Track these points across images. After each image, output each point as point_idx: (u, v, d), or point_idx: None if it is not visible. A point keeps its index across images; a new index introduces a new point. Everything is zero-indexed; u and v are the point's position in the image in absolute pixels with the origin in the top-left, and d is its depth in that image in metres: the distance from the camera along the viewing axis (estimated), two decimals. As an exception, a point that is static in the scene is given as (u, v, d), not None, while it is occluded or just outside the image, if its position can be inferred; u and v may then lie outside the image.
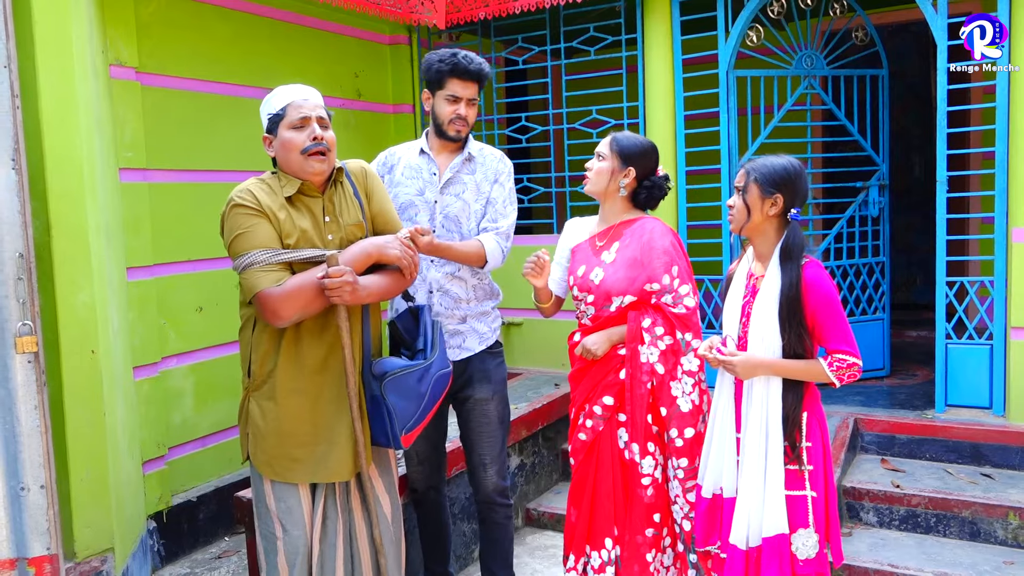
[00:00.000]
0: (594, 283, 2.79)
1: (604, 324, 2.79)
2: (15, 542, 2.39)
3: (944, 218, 4.22)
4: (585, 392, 2.85)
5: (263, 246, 2.23)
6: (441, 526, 3.22)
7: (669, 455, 2.72)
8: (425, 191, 2.95)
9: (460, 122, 2.91)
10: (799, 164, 2.50)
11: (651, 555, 2.76)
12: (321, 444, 2.34)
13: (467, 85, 2.89)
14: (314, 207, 2.36)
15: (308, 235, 2.31)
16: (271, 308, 2.19)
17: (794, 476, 2.45)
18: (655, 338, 2.70)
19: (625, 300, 2.74)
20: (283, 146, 2.32)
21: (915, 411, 4.43)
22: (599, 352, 2.77)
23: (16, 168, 2.37)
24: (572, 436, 2.91)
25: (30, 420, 2.39)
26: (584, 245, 2.92)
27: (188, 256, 4.09)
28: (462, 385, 2.99)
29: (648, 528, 2.75)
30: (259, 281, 2.20)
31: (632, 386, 2.71)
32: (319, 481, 2.36)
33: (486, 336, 3.03)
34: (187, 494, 4.05)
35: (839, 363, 2.40)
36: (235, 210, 2.26)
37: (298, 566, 2.33)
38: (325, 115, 2.37)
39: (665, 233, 2.78)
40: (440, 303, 2.93)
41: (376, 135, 5.33)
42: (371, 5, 4.67)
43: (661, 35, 4.82)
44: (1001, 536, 3.61)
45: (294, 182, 2.33)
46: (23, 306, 2.37)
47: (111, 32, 3.66)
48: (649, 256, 2.72)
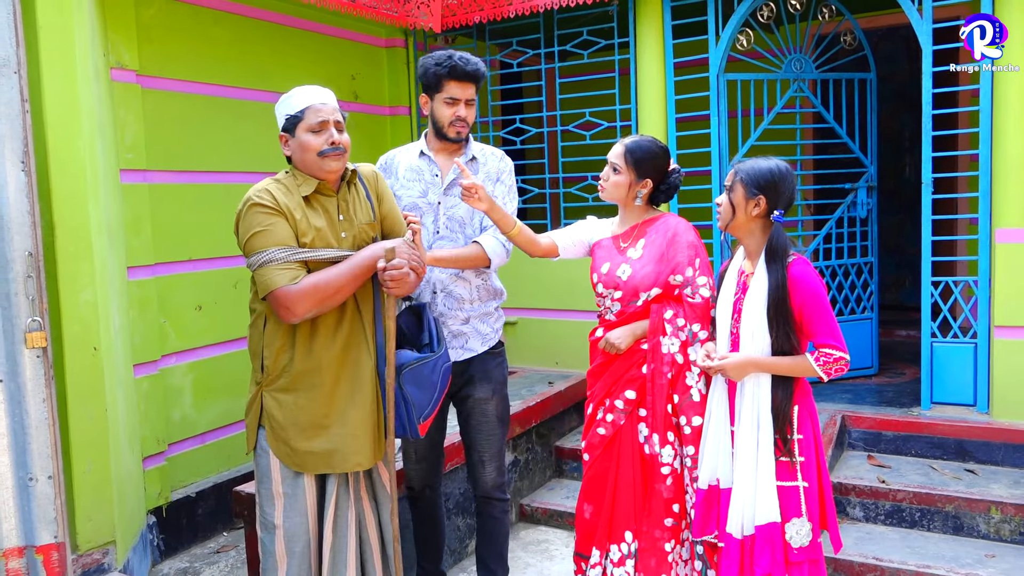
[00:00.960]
0: (621, 279, 2.83)
1: (629, 319, 2.84)
2: (23, 531, 2.46)
3: (929, 219, 4.30)
4: (607, 386, 2.89)
5: (280, 244, 2.29)
6: (435, 524, 3.26)
7: (684, 444, 2.77)
8: (428, 193, 2.98)
9: (460, 123, 2.94)
10: (786, 167, 2.57)
11: (670, 545, 2.78)
12: (336, 436, 2.40)
13: (465, 87, 2.92)
14: (329, 206, 2.43)
15: (323, 234, 2.38)
16: (286, 305, 2.26)
17: (786, 467, 2.52)
18: (676, 329, 2.76)
19: (652, 293, 2.79)
20: (300, 147, 2.38)
21: (902, 408, 4.51)
22: (623, 346, 2.81)
23: (25, 170, 2.44)
24: (589, 432, 2.92)
25: (38, 413, 2.46)
26: (606, 243, 2.96)
27: (187, 256, 4.16)
28: (463, 384, 3.03)
29: (668, 518, 2.78)
30: (275, 279, 2.26)
31: (653, 376, 2.77)
32: (335, 471, 2.42)
33: (489, 337, 3.07)
34: (186, 490, 4.11)
35: (826, 357, 2.48)
36: (253, 208, 2.32)
37: (298, 554, 2.39)
38: (341, 119, 2.45)
39: (688, 228, 2.85)
40: (444, 304, 2.97)
41: (373, 137, 5.41)
42: (367, 9, 4.74)
43: (653, 39, 4.90)
44: (983, 530, 3.69)
45: (311, 181, 2.40)
46: (32, 303, 2.44)
47: (112, 36, 3.73)
48: (675, 249, 2.78)
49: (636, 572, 2.82)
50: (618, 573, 2.85)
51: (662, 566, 2.78)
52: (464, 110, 2.94)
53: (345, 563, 2.42)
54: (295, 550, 2.39)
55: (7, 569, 2.47)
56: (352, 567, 2.44)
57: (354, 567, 2.44)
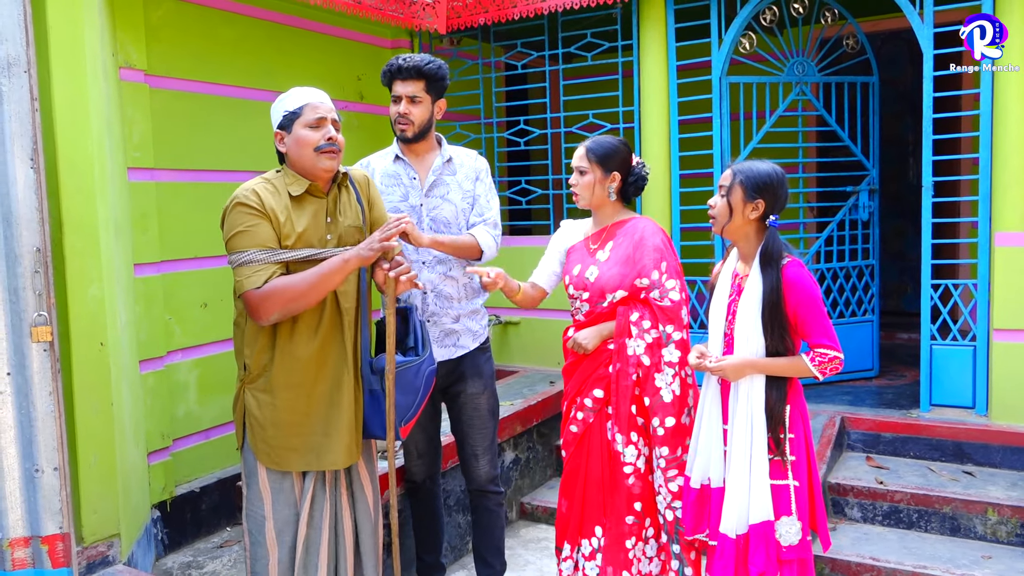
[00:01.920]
0: (589, 281, 2.90)
1: (597, 320, 2.91)
2: (29, 521, 2.50)
3: (930, 222, 4.32)
4: (577, 385, 2.97)
5: (260, 246, 2.32)
6: (434, 516, 3.31)
7: (653, 444, 2.83)
8: (409, 196, 3.01)
9: (402, 120, 2.95)
10: (782, 172, 2.60)
11: (631, 542, 2.86)
12: (316, 435, 2.44)
13: (406, 83, 2.92)
14: (317, 208, 2.45)
15: (307, 235, 2.40)
16: (252, 307, 2.30)
17: (778, 466, 2.55)
18: (642, 331, 2.81)
19: (617, 295, 2.85)
20: (297, 142, 2.41)
21: (901, 410, 4.53)
22: (590, 346, 2.88)
23: (35, 167, 2.48)
24: (564, 429, 3.02)
25: (45, 406, 2.51)
26: (579, 246, 3.02)
27: (193, 253, 4.20)
28: (454, 380, 3.08)
29: (628, 515, 2.85)
30: (248, 280, 2.30)
31: (618, 378, 2.83)
32: (314, 469, 2.46)
33: (479, 334, 3.13)
34: (190, 484, 4.15)
35: (821, 357, 2.51)
36: (238, 208, 2.35)
37: (287, 543, 2.44)
38: (337, 118, 2.48)
39: (656, 232, 2.90)
40: (435, 303, 3.02)
41: (378, 136, 5.44)
42: (373, 10, 4.79)
43: (656, 41, 4.94)
44: (980, 531, 3.71)
45: (302, 181, 2.42)
46: (39, 297, 2.48)
47: (121, 36, 3.77)
48: (641, 253, 2.83)
49: (604, 565, 2.88)
50: (589, 567, 2.92)
51: (623, 562, 2.85)
52: (406, 106, 2.94)
53: (317, 556, 2.46)
54: (284, 540, 2.45)
55: (13, 558, 2.52)
56: (324, 562, 2.47)
57: (326, 562, 2.48)
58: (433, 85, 2.96)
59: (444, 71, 2.97)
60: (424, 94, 2.95)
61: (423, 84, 2.93)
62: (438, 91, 2.99)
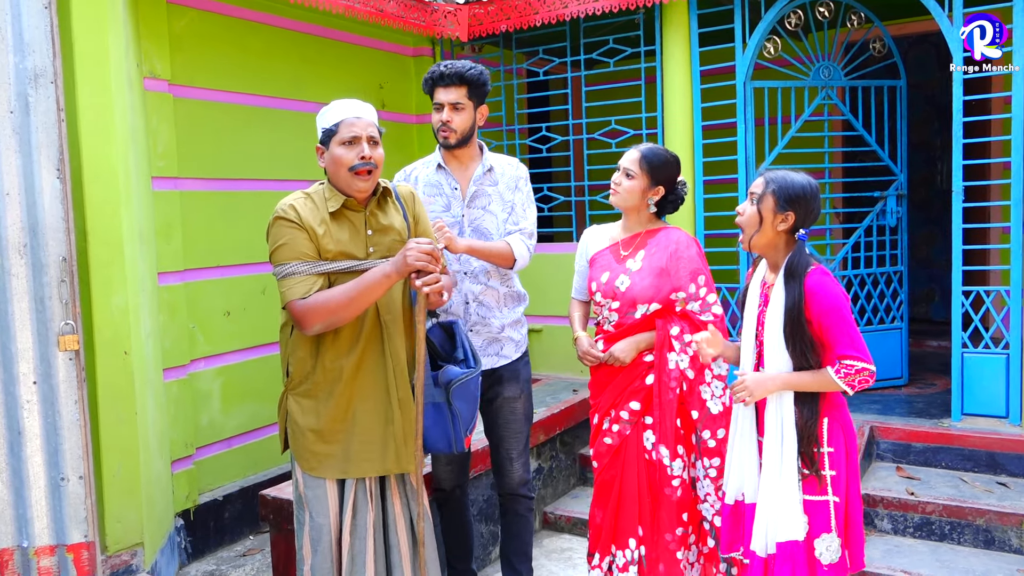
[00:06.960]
0: (620, 290, 2.87)
1: (628, 331, 2.87)
2: (55, 529, 2.51)
3: (960, 228, 4.24)
4: (612, 398, 2.93)
5: (301, 258, 2.37)
6: (464, 523, 3.30)
7: (701, 456, 2.81)
8: (451, 206, 3.01)
9: (445, 128, 2.95)
10: (816, 185, 2.51)
11: (680, 553, 2.84)
12: (354, 443, 2.46)
13: (448, 90, 2.92)
14: (356, 220, 2.47)
15: (347, 248, 2.43)
16: (297, 318, 2.35)
17: (813, 483, 2.45)
18: (684, 345, 2.80)
19: (651, 308, 2.83)
20: (333, 160, 2.43)
21: (931, 420, 4.44)
22: (627, 359, 2.85)
23: (61, 177, 2.50)
24: (596, 441, 2.97)
25: (70, 414, 2.52)
26: (605, 252, 2.99)
27: (217, 262, 4.22)
28: (491, 384, 3.07)
29: (678, 527, 2.83)
30: (291, 291, 2.35)
31: (660, 391, 2.80)
32: (348, 476, 2.47)
33: (520, 344, 3.14)
34: (213, 493, 4.16)
35: (847, 369, 2.39)
36: (277, 222, 2.41)
37: (320, 552, 2.44)
38: (376, 133, 2.48)
39: (690, 244, 2.88)
40: (477, 313, 3.02)
41: (400, 145, 5.45)
42: (396, 19, 4.80)
43: (679, 47, 4.90)
44: (1015, 544, 3.62)
45: (339, 197, 2.45)
46: (65, 306, 2.50)
47: (145, 46, 3.80)
48: (676, 266, 2.82)
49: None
50: None
51: (673, 572, 2.81)
52: (448, 114, 2.94)
53: (364, 567, 2.45)
54: (318, 548, 2.45)
55: (39, 567, 2.53)
56: (371, 572, 2.46)
57: (372, 572, 2.47)
58: (475, 91, 2.96)
59: (486, 76, 2.98)
60: (466, 100, 2.95)
61: (465, 90, 2.94)
62: (480, 97, 2.99)
